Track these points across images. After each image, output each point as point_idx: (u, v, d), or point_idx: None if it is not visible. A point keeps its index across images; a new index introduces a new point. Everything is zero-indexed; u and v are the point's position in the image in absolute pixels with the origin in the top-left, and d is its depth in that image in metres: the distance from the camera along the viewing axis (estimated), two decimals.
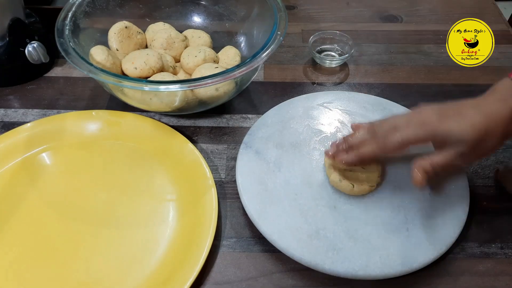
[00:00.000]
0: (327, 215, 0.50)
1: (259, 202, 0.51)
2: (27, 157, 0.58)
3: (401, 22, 0.82)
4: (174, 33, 0.67)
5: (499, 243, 0.51)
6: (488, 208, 0.54)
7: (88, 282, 0.47)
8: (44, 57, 0.68)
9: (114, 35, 0.64)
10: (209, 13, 0.73)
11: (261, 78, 0.70)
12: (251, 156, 0.55)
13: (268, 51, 0.55)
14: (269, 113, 0.61)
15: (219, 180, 0.57)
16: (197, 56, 0.63)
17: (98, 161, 0.58)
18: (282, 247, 0.47)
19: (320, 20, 0.82)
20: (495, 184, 0.56)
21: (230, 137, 0.62)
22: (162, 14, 0.73)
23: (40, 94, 0.68)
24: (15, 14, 0.65)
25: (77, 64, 0.53)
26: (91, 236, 0.51)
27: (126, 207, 0.53)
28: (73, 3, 0.62)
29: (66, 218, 0.52)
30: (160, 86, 0.52)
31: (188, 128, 0.63)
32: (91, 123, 0.61)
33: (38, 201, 0.54)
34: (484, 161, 0.59)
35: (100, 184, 0.56)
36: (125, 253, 0.49)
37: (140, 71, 0.60)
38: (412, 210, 0.51)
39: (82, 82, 0.69)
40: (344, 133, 0.59)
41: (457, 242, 0.49)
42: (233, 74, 0.53)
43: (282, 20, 0.60)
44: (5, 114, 0.65)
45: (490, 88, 0.46)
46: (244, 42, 0.71)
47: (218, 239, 0.51)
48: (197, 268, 0.46)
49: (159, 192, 0.55)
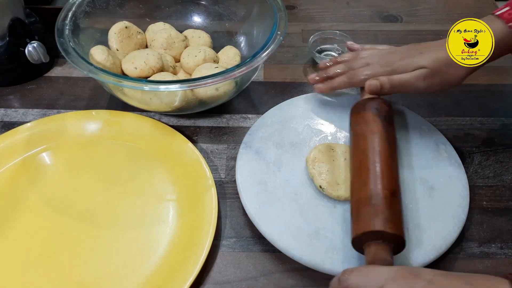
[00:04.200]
0: (327, 215, 0.50)
1: (259, 202, 0.51)
2: (27, 157, 0.58)
3: (401, 22, 0.82)
4: (174, 33, 0.67)
5: (499, 243, 0.51)
6: (488, 208, 0.54)
7: (88, 282, 0.47)
8: (44, 57, 0.68)
9: (114, 35, 0.64)
10: (209, 13, 0.73)
11: (261, 78, 0.70)
12: (251, 156, 0.55)
13: (268, 51, 0.55)
14: (269, 113, 0.61)
15: (219, 180, 0.57)
16: (197, 56, 0.63)
17: (98, 161, 0.58)
18: (282, 247, 0.47)
19: (320, 20, 0.82)
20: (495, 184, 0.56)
21: (230, 137, 0.62)
22: (162, 14, 0.73)
23: (40, 94, 0.68)
24: (15, 14, 0.65)
25: (77, 64, 0.53)
26: (91, 236, 0.51)
27: (126, 207, 0.53)
28: (73, 3, 0.62)
29: (66, 218, 0.52)
30: (160, 86, 0.52)
31: (188, 128, 0.63)
32: (91, 123, 0.61)
33: (38, 201, 0.54)
34: (484, 161, 0.59)
35: (100, 184, 0.56)
36: (125, 253, 0.49)
37: (140, 71, 0.60)
38: (412, 210, 0.50)
39: (82, 82, 0.69)
40: (344, 133, 0.59)
41: (457, 242, 0.49)
42: (233, 74, 0.53)
43: (282, 20, 0.60)
44: (5, 114, 0.65)
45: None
46: (244, 42, 0.71)
47: (218, 239, 0.51)
48: (197, 268, 0.46)
49: (159, 192, 0.55)
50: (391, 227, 0.42)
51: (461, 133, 0.63)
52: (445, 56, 0.51)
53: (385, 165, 0.47)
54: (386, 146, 0.49)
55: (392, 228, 0.42)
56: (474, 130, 0.63)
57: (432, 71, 0.52)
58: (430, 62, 0.51)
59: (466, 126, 0.64)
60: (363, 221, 0.44)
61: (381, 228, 0.42)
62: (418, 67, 0.52)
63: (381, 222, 0.43)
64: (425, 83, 0.52)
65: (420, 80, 0.52)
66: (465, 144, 0.61)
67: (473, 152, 0.60)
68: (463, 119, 0.64)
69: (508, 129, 0.63)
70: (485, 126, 0.64)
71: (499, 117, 0.65)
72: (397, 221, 0.44)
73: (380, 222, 0.43)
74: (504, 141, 0.62)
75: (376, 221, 0.43)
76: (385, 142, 0.50)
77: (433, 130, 0.59)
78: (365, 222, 0.44)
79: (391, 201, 0.45)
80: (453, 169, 0.55)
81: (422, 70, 0.52)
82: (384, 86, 0.54)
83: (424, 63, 0.52)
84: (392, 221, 0.43)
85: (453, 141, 0.58)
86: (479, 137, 0.62)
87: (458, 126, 0.64)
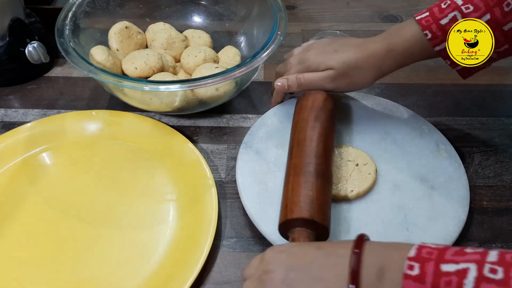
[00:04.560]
0: None
1: (259, 202, 0.51)
2: (27, 157, 0.58)
3: (401, 22, 0.82)
4: (174, 33, 0.67)
5: (499, 243, 0.51)
6: (488, 208, 0.54)
7: (88, 282, 0.47)
8: (44, 57, 0.68)
9: (114, 35, 0.64)
10: (209, 13, 0.73)
11: (261, 78, 0.70)
12: (251, 156, 0.55)
13: (268, 51, 0.56)
14: (269, 113, 0.61)
15: (219, 180, 0.57)
16: (197, 56, 0.63)
17: (98, 161, 0.58)
18: None
19: (320, 20, 0.82)
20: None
21: (230, 137, 0.62)
22: (162, 14, 0.73)
23: (40, 94, 0.68)
24: (15, 14, 0.65)
25: (77, 64, 0.53)
26: (91, 236, 0.51)
27: (126, 207, 0.53)
28: (73, 3, 0.62)
29: (66, 218, 0.52)
30: (160, 86, 0.52)
31: (188, 128, 0.63)
32: (91, 123, 0.61)
33: (38, 201, 0.54)
34: (484, 161, 0.59)
35: (100, 184, 0.56)
36: (125, 253, 0.49)
37: (140, 71, 0.60)
38: (412, 210, 0.51)
39: (82, 82, 0.69)
40: (344, 133, 0.59)
41: (457, 242, 0.49)
42: (233, 74, 0.53)
43: (282, 20, 0.60)
44: (5, 114, 0.65)
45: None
46: (244, 42, 0.71)
47: (218, 239, 0.51)
48: (197, 268, 0.46)
49: (159, 192, 0.55)
50: (305, 214, 0.42)
51: (461, 133, 0.63)
52: (354, 58, 0.52)
53: (301, 152, 0.48)
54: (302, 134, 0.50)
55: (305, 214, 0.42)
56: (474, 130, 0.63)
57: (340, 73, 0.53)
58: (339, 64, 0.52)
59: (466, 126, 0.64)
60: (282, 211, 0.44)
61: (293, 215, 0.43)
62: (327, 67, 0.53)
63: (296, 210, 0.43)
64: (332, 84, 0.54)
65: (327, 81, 0.54)
66: (465, 144, 0.61)
67: (473, 152, 0.60)
68: (463, 119, 0.64)
69: (508, 129, 0.63)
70: (485, 126, 0.64)
71: (499, 117, 0.65)
72: (317, 207, 0.43)
73: (295, 210, 0.43)
74: (504, 141, 0.62)
75: (294, 210, 0.43)
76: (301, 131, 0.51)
77: (433, 130, 0.59)
78: (285, 211, 0.44)
79: (303, 186, 0.45)
80: (453, 169, 0.55)
81: (330, 71, 0.53)
82: (291, 86, 0.55)
83: (333, 63, 0.53)
84: (311, 208, 0.43)
85: (453, 141, 0.58)
86: (479, 137, 0.62)
87: (458, 126, 0.64)
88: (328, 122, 0.52)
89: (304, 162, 0.47)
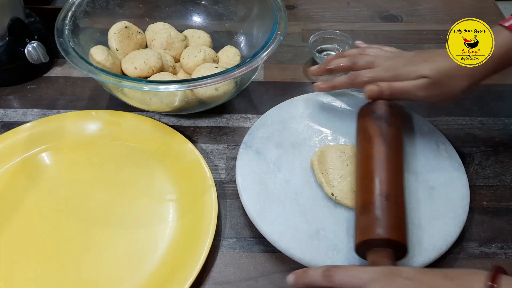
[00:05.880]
0: (327, 215, 0.50)
1: (259, 202, 0.51)
2: (27, 157, 0.58)
3: (401, 22, 0.82)
4: (174, 33, 0.67)
5: (499, 243, 0.51)
6: (488, 208, 0.54)
7: (88, 282, 0.47)
8: (44, 57, 0.68)
9: (114, 35, 0.64)
10: (209, 13, 0.73)
11: (261, 78, 0.70)
12: (251, 156, 0.55)
13: (268, 51, 0.55)
14: (269, 113, 0.61)
15: (219, 180, 0.57)
16: (197, 56, 0.63)
17: (98, 161, 0.58)
18: (282, 247, 0.47)
19: (320, 20, 0.82)
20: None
21: (230, 137, 0.62)
22: (162, 14, 0.72)
23: (40, 94, 0.68)
24: (15, 14, 0.65)
25: (77, 64, 0.53)
26: (90, 235, 0.51)
27: (125, 207, 0.53)
28: (73, 3, 0.62)
29: (66, 218, 0.52)
30: (160, 86, 0.52)
31: (188, 128, 0.63)
32: (91, 123, 0.61)
33: (37, 201, 0.54)
34: (484, 161, 0.59)
35: (100, 184, 0.56)
36: (125, 253, 0.49)
37: (140, 71, 0.60)
38: (412, 210, 0.50)
39: (82, 82, 0.69)
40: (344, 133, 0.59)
41: (458, 242, 0.49)
42: (233, 74, 0.53)
43: (282, 19, 0.60)
44: (5, 114, 0.65)
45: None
46: (244, 42, 0.71)
47: (218, 239, 0.51)
48: (197, 268, 0.46)
49: (159, 192, 0.55)
50: (386, 233, 0.43)
51: (461, 133, 0.63)
52: (448, 66, 0.50)
53: (384, 171, 0.47)
54: (384, 151, 0.49)
55: (388, 234, 0.43)
56: (474, 130, 0.63)
57: (434, 81, 0.51)
58: (433, 72, 0.50)
59: (466, 126, 0.64)
60: (360, 230, 0.45)
61: (373, 236, 0.43)
62: (420, 76, 0.51)
63: (374, 230, 0.43)
64: (425, 93, 0.51)
65: (420, 90, 0.51)
66: (465, 144, 0.61)
67: (473, 152, 0.60)
68: (463, 119, 0.64)
69: (508, 129, 0.63)
70: (485, 126, 0.64)
71: (499, 117, 0.65)
72: (395, 226, 0.44)
73: (373, 230, 0.43)
74: (504, 141, 0.62)
75: (372, 230, 0.43)
76: (385, 147, 0.49)
77: (433, 130, 0.59)
78: (362, 231, 0.44)
79: (388, 207, 0.45)
80: (453, 169, 0.54)
81: (424, 80, 0.51)
82: (384, 92, 0.53)
83: (426, 72, 0.51)
84: (389, 227, 0.43)
85: (453, 141, 0.58)
86: (479, 137, 0.62)
87: (458, 126, 0.64)
88: (398, 132, 0.53)
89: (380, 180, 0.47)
